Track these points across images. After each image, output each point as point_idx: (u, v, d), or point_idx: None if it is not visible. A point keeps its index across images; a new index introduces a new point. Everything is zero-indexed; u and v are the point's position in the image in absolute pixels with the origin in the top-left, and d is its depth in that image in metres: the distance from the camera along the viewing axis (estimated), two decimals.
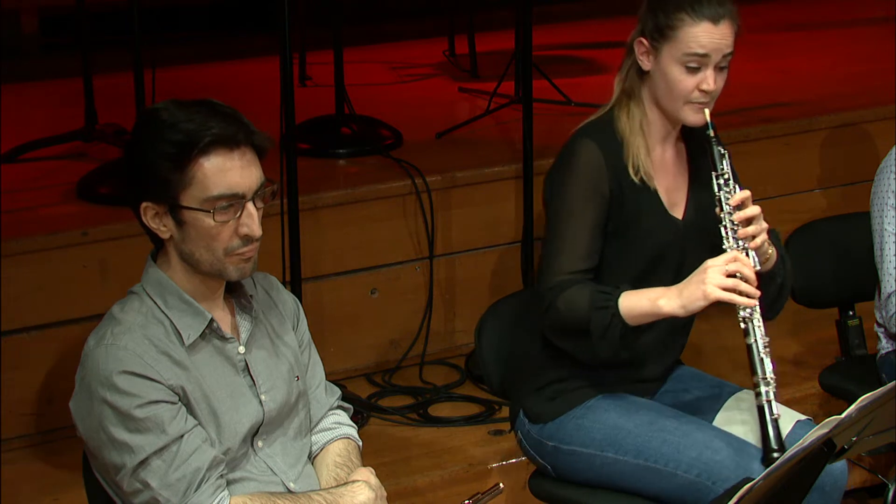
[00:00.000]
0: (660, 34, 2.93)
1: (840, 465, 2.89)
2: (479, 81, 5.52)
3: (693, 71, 2.92)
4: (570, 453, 3.01)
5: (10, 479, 3.62)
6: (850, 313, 3.72)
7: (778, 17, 6.81)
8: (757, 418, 2.91)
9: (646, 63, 2.97)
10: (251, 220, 2.49)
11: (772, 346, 2.84)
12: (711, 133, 2.95)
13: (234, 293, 2.64)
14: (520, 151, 4.26)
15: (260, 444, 2.61)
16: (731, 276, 2.80)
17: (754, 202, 2.90)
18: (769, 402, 2.81)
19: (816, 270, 3.70)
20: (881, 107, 4.92)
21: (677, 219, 3.04)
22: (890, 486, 3.55)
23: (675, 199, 3.05)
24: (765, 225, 2.90)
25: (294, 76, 3.82)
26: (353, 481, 2.64)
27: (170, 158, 2.44)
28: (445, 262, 4.28)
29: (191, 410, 2.50)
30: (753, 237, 2.87)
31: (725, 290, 2.79)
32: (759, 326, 2.83)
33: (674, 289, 2.84)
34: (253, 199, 2.50)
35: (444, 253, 4.28)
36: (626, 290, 2.88)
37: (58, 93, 5.29)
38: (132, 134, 2.55)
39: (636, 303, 2.85)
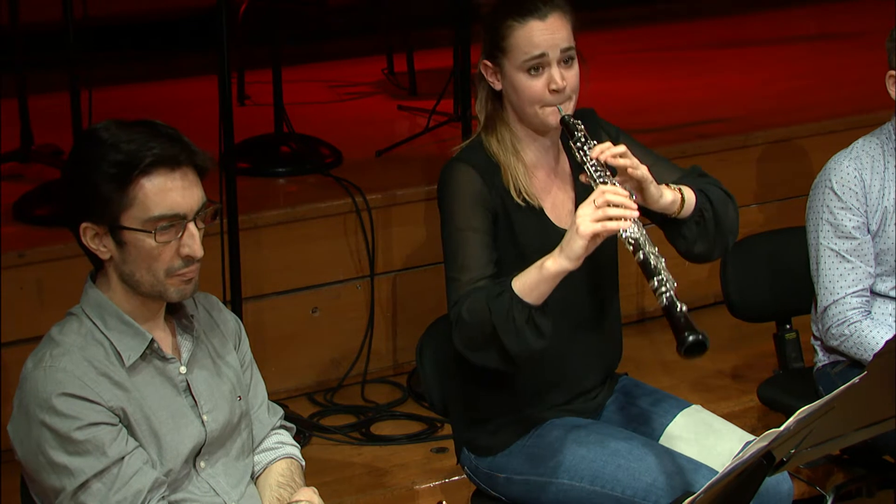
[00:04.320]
0: (497, 49, 2.94)
1: (787, 487, 2.91)
2: (418, 99, 5.54)
3: (537, 74, 2.91)
4: (524, 483, 3.00)
5: None
6: (788, 327, 3.75)
7: (712, 34, 6.89)
8: (706, 431, 2.97)
9: (496, 83, 2.98)
10: (193, 240, 2.48)
11: (710, 360, 2.86)
12: (561, 114, 2.92)
13: (175, 314, 2.63)
14: None
15: (202, 464, 2.59)
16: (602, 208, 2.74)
17: None
18: (670, 297, 2.68)
19: (754, 285, 3.73)
20: (815, 122, 4.98)
21: None
22: (828, 497, 3.58)
23: (562, 214, 3.03)
24: (636, 161, 2.85)
25: (233, 95, 3.82)
26: (296, 501, 2.63)
27: (110, 179, 2.43)
28: (386, 281, 4.28)
29: (131, 432, 2.48)
30: (615, 167, 2.81)
31: (597, 221, 2.73)
32: (645, 238, 2.73)
33: (556, 248, 2.81)
34: (194, 220, 2.49)
35: (386, 271, 4.28)
36: (516, 276, 2.84)
37: None
38: (72, 154, 2.54)
39: (526, 276, 2.80)
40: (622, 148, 2.84)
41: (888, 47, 3.40)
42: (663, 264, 2.72)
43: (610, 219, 2.73)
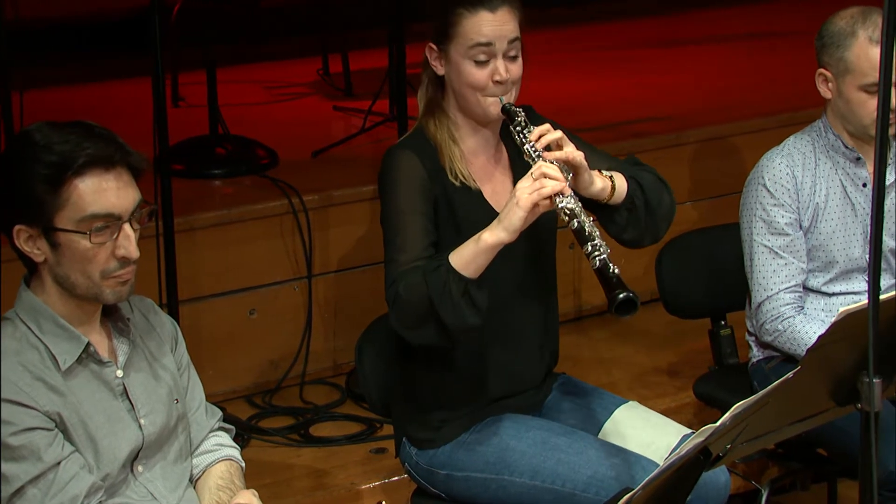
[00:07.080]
0: (444, 35, 2.97)
1: (724, 479, 2.94)
2: (353, 100, 5.53)
3: (483, 64, 2.94)
4: (465, 479, 3.01)
5: None
6: (723, 323, 3.78)
7: (645, 34, 6.94)
8: (644, 426, 2.99)
9: (439, 68, 3.01)
10: (128, 241, 2.47)
11: (647, 357, 2.88)
12: (503, 102, 2.95)
13: (111, 317, 2.61)
14: None
15: (140, 468, 2.58)
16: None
17: None
18: (603, 259, 2.71)
19: (688, 282, 3.76)
20: (746, 120, 5.03)
21: None
22: (763, 491, 3.62)
23: (502, 199, 3.02)
24: (572, 147, 2.88)
25: (167, 97, 3.79)
26: None
27: (44, 180, 2.41)
28: (324, 281, 4.27)
29: (68, 437, 2.46)
30: (548, 146, 2.85)
31: (534, 192, 2.76)
32: (581, 209, 2.77)
33: (494, 221, 2.83)
34: (130, 221, 2.47)
35: (323, 272, 4.27)
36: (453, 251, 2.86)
37: None
38: (3, 156, 2.52)
39: (463, 250, 2.81)
40: (559, 133, 2.88)
41: (817, 46, 3.45)
42: (597, 233, 2.76)
43: (548, 189, 2.76)
